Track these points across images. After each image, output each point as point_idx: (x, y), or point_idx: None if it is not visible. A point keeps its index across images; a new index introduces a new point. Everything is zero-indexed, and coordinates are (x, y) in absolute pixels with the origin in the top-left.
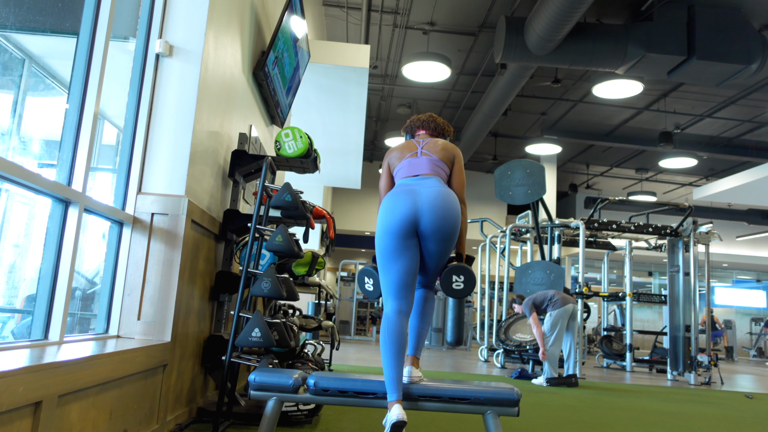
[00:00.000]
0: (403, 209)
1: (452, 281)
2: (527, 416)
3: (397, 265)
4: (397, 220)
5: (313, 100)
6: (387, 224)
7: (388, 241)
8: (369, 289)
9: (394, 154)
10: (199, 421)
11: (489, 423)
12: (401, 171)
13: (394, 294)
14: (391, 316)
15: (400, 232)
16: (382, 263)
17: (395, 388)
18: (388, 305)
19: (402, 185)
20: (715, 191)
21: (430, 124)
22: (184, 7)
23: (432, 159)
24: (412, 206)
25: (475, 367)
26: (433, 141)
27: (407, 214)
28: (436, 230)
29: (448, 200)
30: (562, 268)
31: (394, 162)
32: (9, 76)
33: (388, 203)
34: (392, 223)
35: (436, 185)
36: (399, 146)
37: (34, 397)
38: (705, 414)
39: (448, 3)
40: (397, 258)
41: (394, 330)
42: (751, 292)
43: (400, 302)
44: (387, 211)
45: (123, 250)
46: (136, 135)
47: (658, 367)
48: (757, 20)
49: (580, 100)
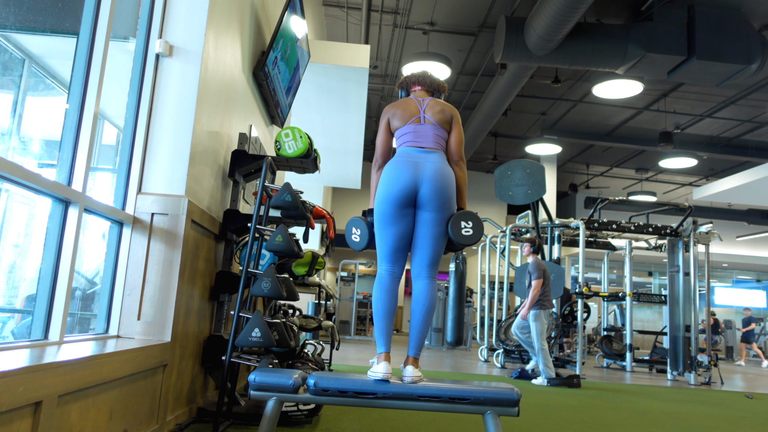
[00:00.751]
0: (406, 180)
1: (461, 227)
2: (527, 416)
3: (393, 230)
4: (399, 189)
5: (313, 100)
6: (388, 192)
7: (386, 208)
8: (355, 240)
9: (395, 111)
10: (199, 421)
11: (489, 423)
12: (406, 136)
13: (388, 257)
14: (384, 277)
15: (399, 201)
16: (380, 228)
17: (384, 341)
18: (382, 267)
19: (407, 154)
20: (715, 191)
21: (425, 80)
22: (184, 7)
23: (435, 127)
24: (414, 177)
25: (475, 367)
26: (433, 102)
27: (408, 184)
28: (432, 198)
29: (446, 176)
30: (562, 268)
31: (395, 123)
32: (9, 76)
33: (391, 171)
34: (393, 191)
35: (439, 161)
36: (399, 103)
37: (34, 397)
38: (705, 414)
39: (448, 3)
40: (393, 224)
41: (386, 288)
42: (751, 292)
43: (393, 265)
44: (390, 179)
45: (123, 250)
46: (136, 135)
47: (658, 367)
48: (757, 20)
49: (580, 100)
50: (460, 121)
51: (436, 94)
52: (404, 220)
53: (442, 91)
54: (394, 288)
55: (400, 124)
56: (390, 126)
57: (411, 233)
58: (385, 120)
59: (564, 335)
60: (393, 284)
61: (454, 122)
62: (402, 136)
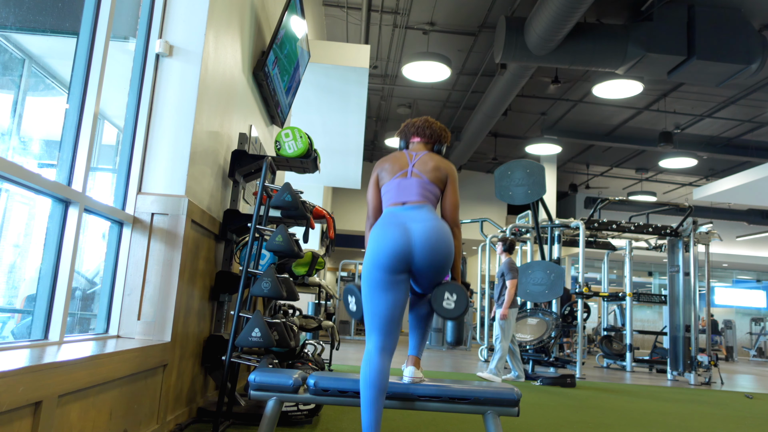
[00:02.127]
0: (394, 244)
1: (444, 298)
2: (527, 416)
3: (384, 298)
4: (387, 255)
5: (313, 100)
6: (376, 258)
7: (375, 274)
8: (352, 309)
9: (384, 166)
10: (199, 421)
11: (489, 423)
12: (390, 194)
13: (378, 329)
14: (372, 355)
15: (389, 268)
16: (368, 295)
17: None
18: (370, 342)
19: (391, 215)
20: (715, 191)
21: (425, 130)
22: (184, 7)
23: (422, 181)
24: (404, 242)
25: (475, 367)
26: (426, 157)
27: (398, 249)
28: (429, 265)
29: (441, 234)
30: (562, 268)
31: (384, 177)
32: (9, 76)
33: (377, 235)
34: (381, 258)
35: (428, 218)
36: (390, 158)
37: (34, 397)
38: (705, 414)
39: (448, 3)
40: (384, 291)
41: (375, 369)
42: (751, 292)
43: (384, 339)
44: (376, 244)
45: (123, 250)
46: (136, 135)
47: (658, 367)
48: (757, 20)
49: (580, 100)
50: (456, 182)
51: (437, 146)
52: (397, 287)
53: (444, 142)
54: (385, 369)
55: (386, 180)
56: (379, 180)
57: (405, 302)
58: (374, 175)
59: (564, 335)
60: (385, 362)
61: (449, 182)
62: (386, 194)
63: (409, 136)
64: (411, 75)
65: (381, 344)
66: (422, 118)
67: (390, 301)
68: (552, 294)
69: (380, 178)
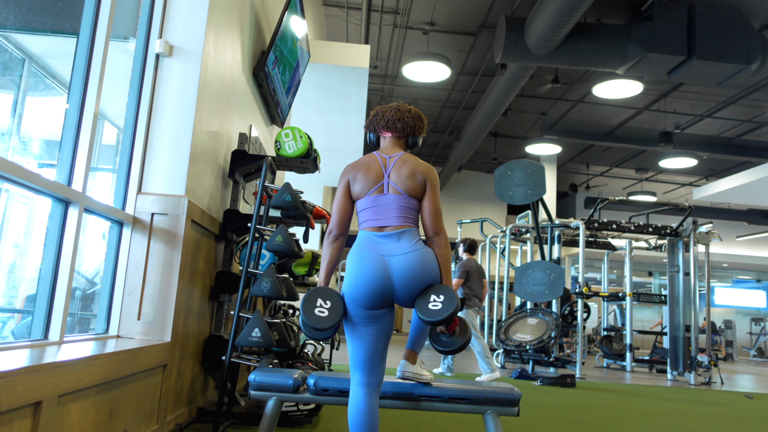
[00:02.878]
0: (373, 283)
1: (429, 300)
2: (527, 416)
3: (365, 333)
4: (367, 295)
5: (313, 100)
6: (355, 296)
7: (356, 311)
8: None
9: (356, 175)
10: (199, 421)
11: (489, 423)
12: (366, 213)
13: (361, 365)
14: (358, 394)
15: (370, 305)
16: (350, 328)
17: None
18: (354, 378)
19: (368, 243)
20: (715, 191)
21: (396, 124)
22: (184, 7)
23: (400, 198)
24: (383, 275)
25: (475, 367)
26: (401, 161)
27: (378, 286)
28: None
29: (424, 266)
30: (562, 268)
31: (357, 189)
32: (9, 76)
33: (354, 268)
34: (361, 297)
35: (408, 248)
36: (362, 165)
37: (34, 397)
38: (705, 414)
39: (448, 3)
40: (364, 327)
41: (362, 410)
42: (751, 292)
43: (368, 375)
44: (353, 280)
45: (123, 250)
46: (136, 135)
47: (658, 367)
48: (757, 20)
49: (580, 100)
50: (436, 186)
51: (411, 139)
52: (381, 319)
53: (419, 133)
54: (373, 405)
55: (360, 193)
56: (350, 190)
57: (389, 333)
58: (344, 182)
59: (564, 335)
60: (371, 400)
61: (428, 187)
62: (362, 212)
63: (379, 129)
64: (411, 75)
65: (365, 380)
66: (393, 107)
67: (371, 334)
68: (552, 294)
69: (352, 188)
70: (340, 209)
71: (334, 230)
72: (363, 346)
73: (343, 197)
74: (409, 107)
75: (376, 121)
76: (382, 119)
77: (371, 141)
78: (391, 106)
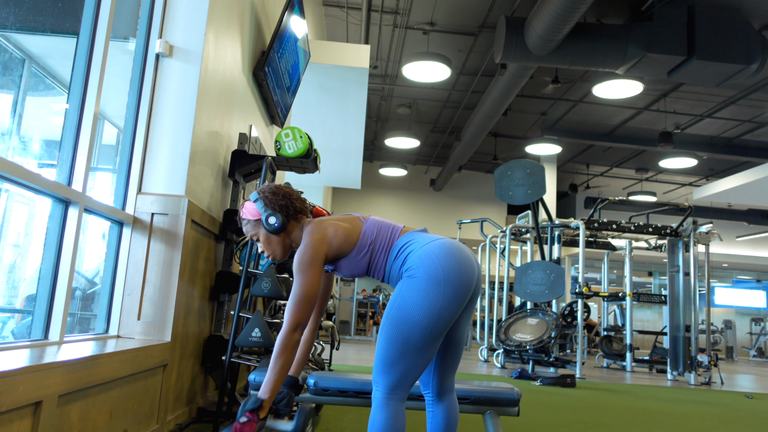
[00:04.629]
0: (472, 269)
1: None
2: (527, 416)
3: (438, 342)
4: (468, 284)
5: (313, 100)
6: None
7: (453, 310)
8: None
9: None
10: (199, 421)
11: (489, 423)
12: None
13: (413, 381)
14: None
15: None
16: (422, 342)
17: None
18: (397, 394)
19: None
20: (715, 191)
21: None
22: (184, 7)
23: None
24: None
25: (475, 367)
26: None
27: (473, 276)
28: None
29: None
30: (562, 268)
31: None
32: (9, 76)
33: (454, 257)
34: (463, 289)
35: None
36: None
37: (34, 397)
38: (705, 414)
39: (448, 3)
40: (443, 334)
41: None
42: (751, 292)
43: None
44: (458, 271)
45: (123, 250)
46: (136, 135)
47: (658, 367)
48: (757, 20)
49: (580, 100)
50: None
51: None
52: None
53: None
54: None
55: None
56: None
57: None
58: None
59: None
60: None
61: None
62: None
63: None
64: (411, 75)
65: (406, 396)
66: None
67: (435, 350)
68: (552, 294)
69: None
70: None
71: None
72: (424, 364)
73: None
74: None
75: (294, 203)
76: (299, 200)
77: (281, 223)
78: (289, 186)
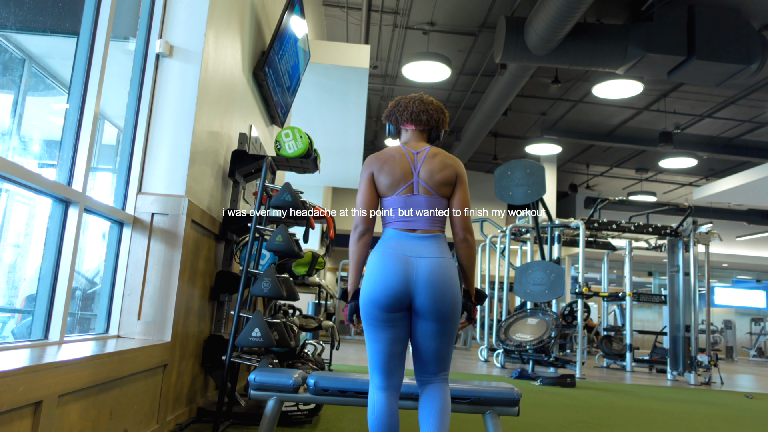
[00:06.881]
0: (394, 283)
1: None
2: (527, 416)
3: (384, 335)
4: (386, 295)
5: (313, 100)
6: (373, 295)
7: (373, 312)
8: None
9: (383, 168)
10: (199, 421)
11: (489, 423)
12: (394, 213)
13: (379, 368)
14: (377, 397)
15: (387, 306)
16: (367, 331)
17: None
18: (372, 381)
19: (396, 244)
20: (715, 191)
21: (421, 116)
22: (184, 7)
23: (432, 199)
24: (405, 279)
25: (475, 367)
26: (430, 155)
27: (398, 289)
28: (432, 311)
29: (447, 275)
30: (562, 268)
31: (382, 182)
32: (9, 76)
33: (377, 268)
34: (379, 297)
35: (436, 255)
36: (388, 157)
37: (34, 397)
38: (705, 414)
39: (448, 3)
40: (383, 329)
41: (381, 413)
42: (751, 292)
43: (388, 378)
44: (375, 279)
45: (123, 250)
46: (136, 135)
47: (658, 367)
48: (757, 20)
49: (580, 100)
50: (465, 178)
51: (434, 132)
52: (399, 324)
53: (442, 127)
54: (392, 407)
55: (388, 191)
56: (375, 183)
57: (407, 338)
58: (369, 173)
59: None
60: (391, 402)
61: (458, 183)
62: (388, 210)
63: (402, 121)
64: (411, 75)
65: (384, 384)
66: (416, 98)
67: (389, 338)
68: (552, 294)
69: (378, 182)
70: (366, 203)
71: (360, 226)
72: (380, 350)
73: (369, 190)
74: (431, 99)
75: (398, 112)
76: (405, 110)
77: (390, 132)
78: (414, 96)
